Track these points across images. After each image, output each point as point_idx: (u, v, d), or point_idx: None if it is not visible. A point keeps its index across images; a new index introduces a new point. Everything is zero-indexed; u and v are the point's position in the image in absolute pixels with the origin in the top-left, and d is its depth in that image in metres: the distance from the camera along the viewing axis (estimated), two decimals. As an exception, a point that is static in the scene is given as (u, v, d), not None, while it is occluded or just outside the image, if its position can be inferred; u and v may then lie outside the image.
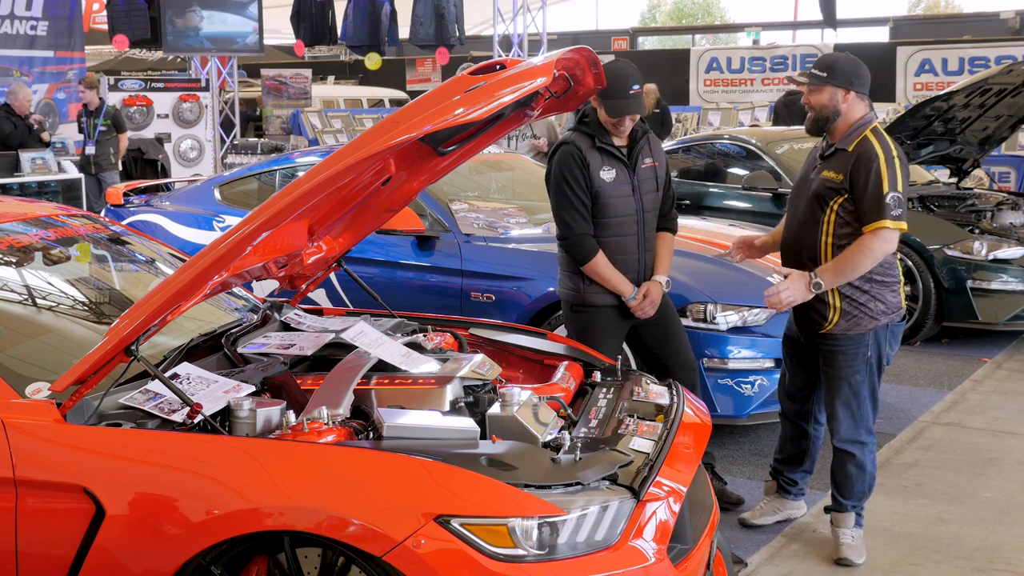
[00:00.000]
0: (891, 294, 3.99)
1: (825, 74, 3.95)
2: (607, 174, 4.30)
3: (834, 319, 3.99)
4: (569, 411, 3.26)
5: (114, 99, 13.92)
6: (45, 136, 11.88)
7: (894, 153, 3.87)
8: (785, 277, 3.97)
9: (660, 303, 4.44)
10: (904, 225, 3.83)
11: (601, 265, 4.33)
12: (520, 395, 3.05)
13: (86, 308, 3.84)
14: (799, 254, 4.07)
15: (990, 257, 7.35)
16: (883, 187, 3.80)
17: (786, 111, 12.82)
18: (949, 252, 7.42)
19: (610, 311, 4.40)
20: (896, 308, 4.01)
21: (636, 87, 4.20)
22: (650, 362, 4.56)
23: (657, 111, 12.45)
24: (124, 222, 6.51)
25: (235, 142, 15.38)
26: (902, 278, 4.06)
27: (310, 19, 17.92)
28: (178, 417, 2.88)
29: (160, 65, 25.61)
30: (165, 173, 14.30)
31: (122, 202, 6.99)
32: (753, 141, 9.03)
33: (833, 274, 3.90)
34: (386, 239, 5.86)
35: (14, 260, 3.67)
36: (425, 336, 3.78)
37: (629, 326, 4.46)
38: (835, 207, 3.94)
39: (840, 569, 4.06)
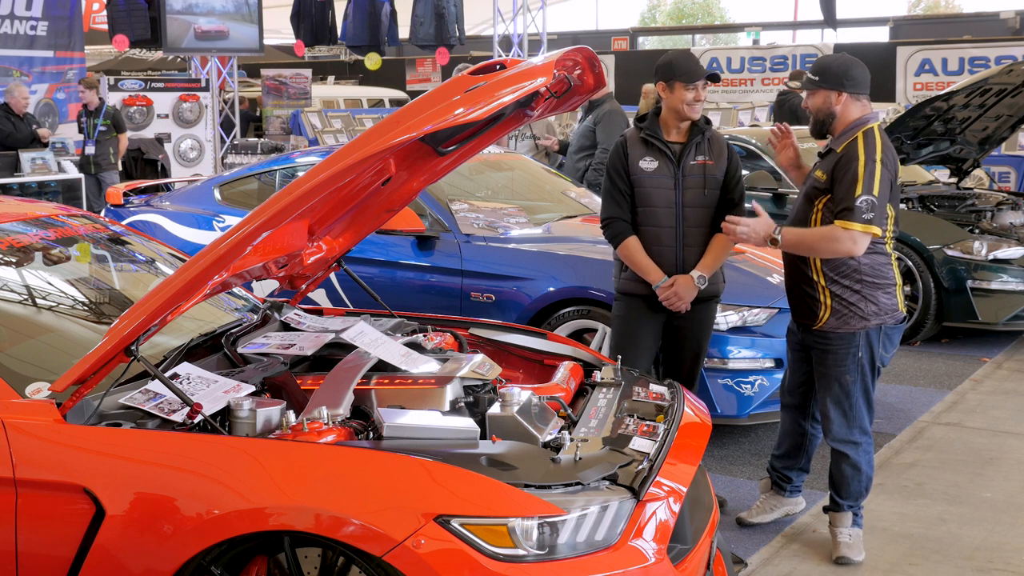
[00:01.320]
0: (884, 296, 3.98)
1: (817, 78, 4.00)
2: (647, 164, 4.37)
3: (824, 316, 3.99)
4: (569, 411, 3.26)
5: (114, 99, 13.90)
6: (46, 134, 11.87)
7: (877, 157, 3.85)
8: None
9: (703, 323, 4.48)
10: (876, 230, 3.81)
11: (631, 249, 4.38)
12: (520, 395, 3.05)
13: (86, 308, 3.83)
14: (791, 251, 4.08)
15: (990, 257, 7.35)
16: (856, 189, 3.79)
17: (779, 111, 12.84)
18: (949, 252, 7.42)
19: (642, 302, 4.43)
20: (890, 310, 3.99)
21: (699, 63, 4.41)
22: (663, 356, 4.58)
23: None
24: (124, 222, 6.51)
25: (235, 142, 15.37)
26: (899, 280, 4.04)
27: (310, 19, 17.91)
28: (178, 417, 2.88)
29: (160, 65, 25.57)
30: (165, 173, 14.28)
31: (122, 202, 6.99)
32: (753, 141, 9.02)
33: (795, 239, 3.90)
34: (386, 239, 5.86)
35: (14, 260, 3.67)
36: (425, 336, 3.78)
37: (663, 320, 4.46)
38: (819, 206, 3.97)
39: (840, 569, 4.06)
